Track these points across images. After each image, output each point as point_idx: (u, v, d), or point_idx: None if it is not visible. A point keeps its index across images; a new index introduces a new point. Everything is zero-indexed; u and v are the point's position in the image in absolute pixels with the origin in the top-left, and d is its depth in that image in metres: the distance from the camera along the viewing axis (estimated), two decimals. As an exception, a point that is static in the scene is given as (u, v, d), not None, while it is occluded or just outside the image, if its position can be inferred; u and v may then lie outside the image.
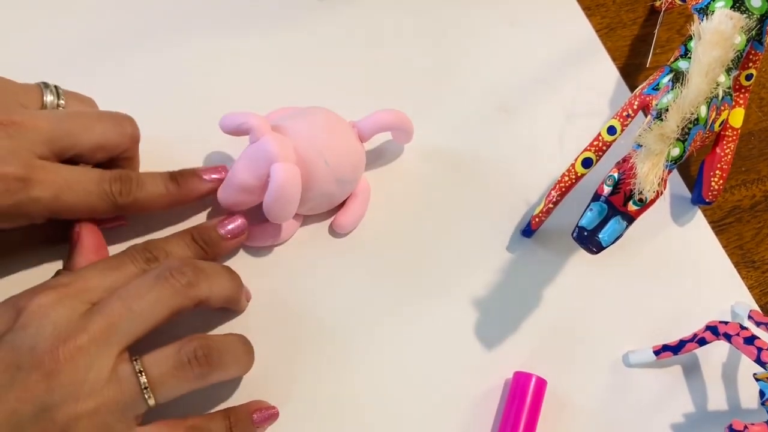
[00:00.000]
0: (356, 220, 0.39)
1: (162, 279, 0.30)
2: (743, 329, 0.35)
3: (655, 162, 0.30)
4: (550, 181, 0.42)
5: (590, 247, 0.32)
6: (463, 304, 0.39)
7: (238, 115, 0.36)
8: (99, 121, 0.33)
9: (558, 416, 0.37)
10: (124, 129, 0.34)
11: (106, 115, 0.34)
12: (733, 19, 0.31)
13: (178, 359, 0.30)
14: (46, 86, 0.34)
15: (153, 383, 0.29)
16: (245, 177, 0.35)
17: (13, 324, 0.28)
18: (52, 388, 0.27)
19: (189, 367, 0.30)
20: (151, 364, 0.29)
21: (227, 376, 0.32)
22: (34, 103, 0.33)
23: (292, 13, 0.44)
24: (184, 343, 0.30)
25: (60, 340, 0.28)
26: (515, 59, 0.45)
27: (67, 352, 0.27)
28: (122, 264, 0.32)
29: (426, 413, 0.36)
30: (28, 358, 0.27)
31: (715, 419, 0.38)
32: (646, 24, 0.48)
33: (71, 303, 0.29)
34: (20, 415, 0.27)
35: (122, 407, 0.28)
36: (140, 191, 0.34)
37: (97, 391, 0.28)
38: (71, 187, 0.32)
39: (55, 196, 0.31)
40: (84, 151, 0.33)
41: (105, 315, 0.29)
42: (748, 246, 0.43)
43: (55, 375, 0.27)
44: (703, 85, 0.29)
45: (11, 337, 0.28)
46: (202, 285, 0.31)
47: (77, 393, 0.27)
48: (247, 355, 0.33)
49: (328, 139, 0.36)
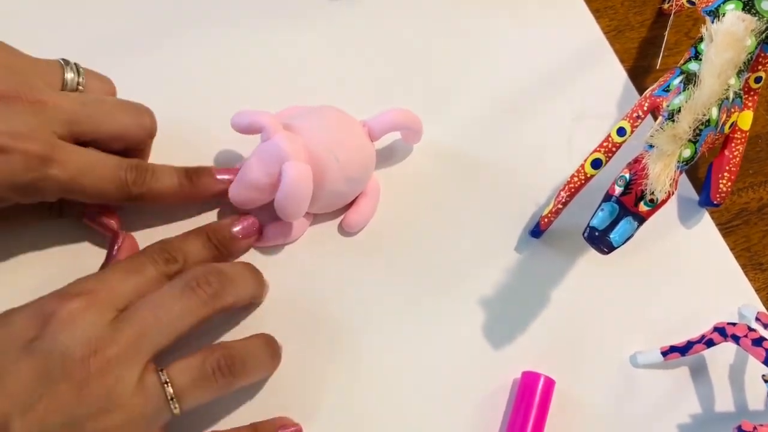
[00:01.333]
0: (366, 219, 0.39)
1: (189, 289, 0.30)
2: (751, 331, 0.35)
3: (667, 163, 0.30)
4: (558, 182, 0.42)
5: (601, 248, 0.32)
6: (472, 304, 0.39)
7: (249, 114, 0.36)
8: (121, 110, 0.34)
9: (566, 416, 0.37)
10: (143, 122, 0.35)
11: (128, 105, 0.35)
12: (745, 21, 0.31)
13: (202, 370, 0.30)
14: (66, 63, 0.34)
15: (178, 394, 0.29)
16: (257, 175, 0.35)
17: (42, 330, 0.28)
18: (82, 400, 0.27)
19: (213, 377, 0.30)
20: (176, 374, 0.29)
21: (251, 381, 0.32)
22: (56, 81, 0.33)
23: (303, 12, 0.44)
24: (208, 354, 0.30)
25: (90, 351, 0.28)
26: (524, 61, 0.45)
27: (97, 364, 0.28)
28: (143, 266, 0.32)
29: (435, 412, 0.36)
30: (59, 367, 0.27)
31: (723, 420, 0.38)
32: (654, 26, 0.48)
33: (100, 311, 0.29)
34: (49, 425, 0.27)
35: (149, 418, 0.29)
36: (154, 182, 0.34)
37: (125, 404, 0.28)
38: (88, 170, 0.32)
39: (71, 177, 0.31)
40: (102, 138, 0.33)
41: (134, 326, 0.29)
42: (756, 248, 0.43)
43: (85, 386, 0.27)
44: (715, 86, 0.29)
45: (41, 344, 0.28)
46: (228, 292, 0.31)
47: (106, 405, 0.27)
48: (271, 358, 0.33)
49: (338, 138, 0.36)
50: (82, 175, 0.32)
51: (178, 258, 0.33)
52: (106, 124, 0.33)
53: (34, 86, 0.32)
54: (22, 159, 0.30)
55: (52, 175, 0.31)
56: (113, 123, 0.33)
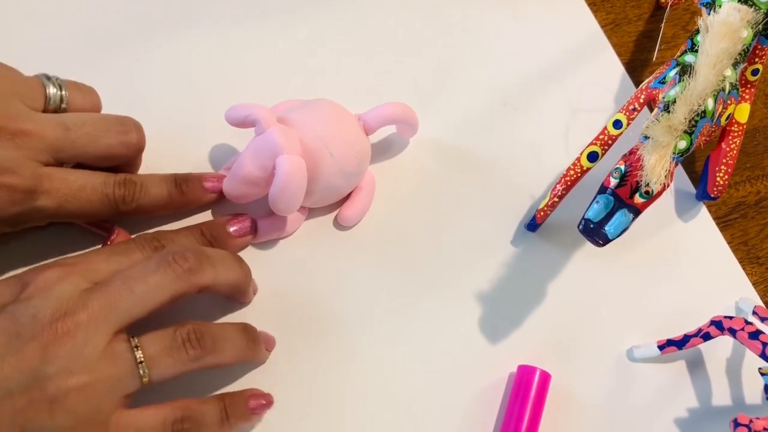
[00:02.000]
0: (361, 213, 0.39)
1: (165, 263, 0.30)
2: (748, 324, 0.35)
3: (662, 154, 0.30)
4: (554, 176, 0.42)
5: (596, 240, 0.32)
6: (467, 298, 0.39)
7: (243, 107, 0.36)
8: (105, 131, 0.33)
9: (562, 410, 0.37)
10: (129, 140, 0.34)
11: (112, 124, 0.34)
12: (741, 11, 0.31)
13: (173, 339, 0.30)
14: (48, 79, 0.34)
15: (147, 360, 0.29)
16: (251, 169, 0.35)
17: (17, 295, 0.29)
18: (47, 360, 0.27)
19: (183, 348, 0.30)
20: (147, 343, 0.30)
21: (224, 360, 0.32)
22: (38, 100, 0.33)
23: (299, 6, 0.44)
24: (179, 327, 0.31)
25: (60, 314, 0.28)
26: (520, 54, 0.45)
27: (65, 326, 0.28)
28: (129, 250, 0.32)
29: (431, 406, 0.36)
30: (27, 328, 0.28)
31: (719, 414, 0.38)
32: (651, 20, 0.48)
33: (75, 280, 0.29)
34: (12, 381, 0.27)
35: (114, 384, 0.29)
36: (143, 196, 0.34)
37: (90, 367, 0.28)
38: (75, 195, 0.32)
39: (59, 205, 0.32)
40: (88, 160, 0.33)
41: (105, 294, 0.29)
42: (753, 242, 0.43)
43: (52, 347, 0.27)
44: (710, 76, 0.29)
45: (14, 307, 0.28)
46: (206, 271, 0.31)
47: (71, 366, 0.28)
48: (246, 343, 0.33)
49: (333, 132, 0.36)
50: (69, 201, 0.32)
51: (166, 246, 0.33)
52: (90, 148, 0.33)
53: (16, 114, 0.31)
54: (8, 194, 0.30)
55: (40, 206, 0.31)
56: (98, 146, 0.33)
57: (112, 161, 0.34)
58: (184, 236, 0.34)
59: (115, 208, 0.34)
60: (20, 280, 0.30)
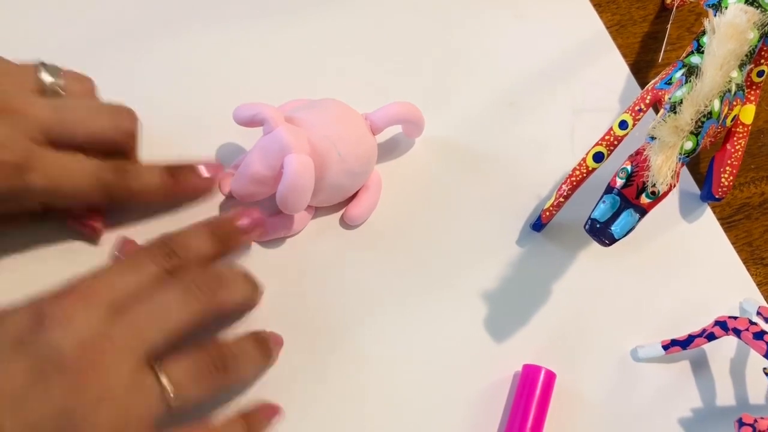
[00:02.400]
0: (367, 212, 0.39)
1: (188, 292, 0.30)
2: (752, 324, 0.35)
3: (668, 154, 0.30)
4: (559, 176, 0.42)
5: (603, 240, 0.32)
6: (473, 297, 0.39)
7: (251, 107, 0.36)
8: (98, 115, 0.33)
9: (567, 409, 0.37)
10: (121, 125, 0.34)
11: (105, 108, 0.34)
12: (748, 13, 0.31)
13: (197, 365, 0.30)
14: (44, 66, 0.34)
15: (174, 387, 0.29)
16: (259, 168, 0.35)
17: (36, 328, 0.28)
18: (74, 393, 0.27)
19: (208, 371, 0.30)
20: (171, 370, 0.29)
21: (244, 377, 0.33)
22: (30, 85, 0.33)
23: (306, 6, 0.44)
24: (202, 350, 0.31)
25: (84, 347, 0.28)
26: (526, 55, 0.45)
27: (90, 358, 0.27)
28: (142, 264, 0.31)
29: (436, 404, 0.36)
30: (51, 363, 0.27)
31: (723, 414, 0.38)
32: (657, 21, 0.48)
33: (95, 308, 0.29)
34: (41, 418, 0.27)
35: (143, 413, 0.28)
36: (135, 182, 0.34)
37: (118, 399, 0.28)
38: (67, 175, 0.32)
39: (50, 184, 0.31)
40: (79, 142, 0.33)
41: (128, 322, 0.29)
42: (757, 243, 0.43)
43: (78, 380, 0.27)
44: (717, 77, 0.29)
45: (35, 343, 0.27)
46: (223, 295, 0.32)
47: (99, 399, 0.27)
48: (263, 357, 0.34)
49: (341, 131, 0.36)
50: (60, 181, 0.32)
51: (178, 252, 0.32)
52: (81, 129, 0.33)
53: (9, 93, 0.31)
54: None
55: (30, 182, 0.31)
56: (89, 127, 0.33)
57: (104, 145, 0.34)
58: (194, 237, 0.33)
59: (107, 192, 0.33)
60: (36, 310, 0.28)
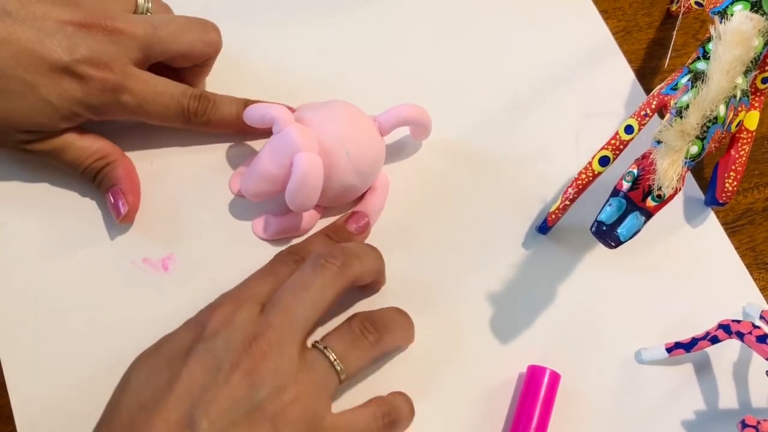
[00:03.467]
0: (375, 213, 0.40)
1: (319, 267, 0.32)
2: (756, 328, 0.35)
3: (674, 158, 0.30)
4: (565, 180, 0.42)
5: (608, 242, 0.32)
6: (479, 299, 0.39)
7: (261, 107, 0.37)
8: (188, 29, 0.37)
9: (571, 410, 0.37)
10: (210, 38, 0.38)
11: (194, 23, 0.37)
12: (753, 20, 0.31)
13: (351, 332, 0.32)
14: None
15: (340, 358, 0.31)
16: (269, 167, 0.35)
17: (201, 336, 0.30)
18: (255, 384, 0.28)
19: (364, 337, 0.32)
20: (332, 342, 0.32)
21: (397, 342, 0.35)
22: (129, 6, 0.37)
23: (316, 9, 0.45)
24: (351, 320, 0.33)
25: (250, 339, 0.29)
26: (532, 60, 0.46)
27: (259, 349, 0.29)
28: (276, 269, 0.34)
29: (440, 404, 0.37)
30: (225, 360, 0.29)
31: (726, 417, 0.38)
32: (662, 28, 0.49)
33: (248, 307, 0.31)
34: (232, 412, 0.28)
35: (319, 388, 0.30)
36: (215, 112, 0.37)
37: (294, 379, 0.29)
38: (155, 98, 0.36)
39: (138, 104, 0.35)
40: (172, 58, 0.37)
41: (281, 309, 0.31)
42: (761, 248, 0.43)
43: (255, 372, 0.29)
44: (723, 83, 0.30)
45: (204, 345, 0.29)
46: (354, 264, 0.33)
47: (278, 384, 0.29)
48: (408, 324, 0.36)
49: (349, 131, 0.37)
50: (148, 103, 0.35)
51: (305, 256, 0.35)
52: (175, 45, 0.36)
53: (112, 14, 0.35)
54: (99, 86, 0.34)
55: (123, 101, 0.35)
56: (182, 42, 0.36)
57: (193, 59, 0.37)
58: (316, 244, 0.36)
59: (186, 119, 0.37)
60: (197, 323, 0.31)
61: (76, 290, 0.37)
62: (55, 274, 0.37)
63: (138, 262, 0.38)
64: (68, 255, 0.37)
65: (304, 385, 0.29)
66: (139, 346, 0.32)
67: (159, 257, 0.38)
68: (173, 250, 0.38)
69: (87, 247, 0.38)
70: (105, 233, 0.38)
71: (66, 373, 0.35)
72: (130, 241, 0.38)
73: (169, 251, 0.38)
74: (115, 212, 0.37)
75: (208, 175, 0.40)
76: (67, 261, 0.37)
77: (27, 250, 0.37)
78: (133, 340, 0.32)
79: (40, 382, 0.35)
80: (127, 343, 0.32)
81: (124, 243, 0.38)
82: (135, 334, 0.33)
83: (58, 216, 0.38)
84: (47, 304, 0.36)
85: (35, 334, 0.36)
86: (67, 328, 0.36)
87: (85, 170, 0.37)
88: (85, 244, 0.38)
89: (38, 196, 0.38)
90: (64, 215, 0.38)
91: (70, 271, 0.37)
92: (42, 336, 0.36)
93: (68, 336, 0.36)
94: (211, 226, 0.39)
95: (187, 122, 0.37)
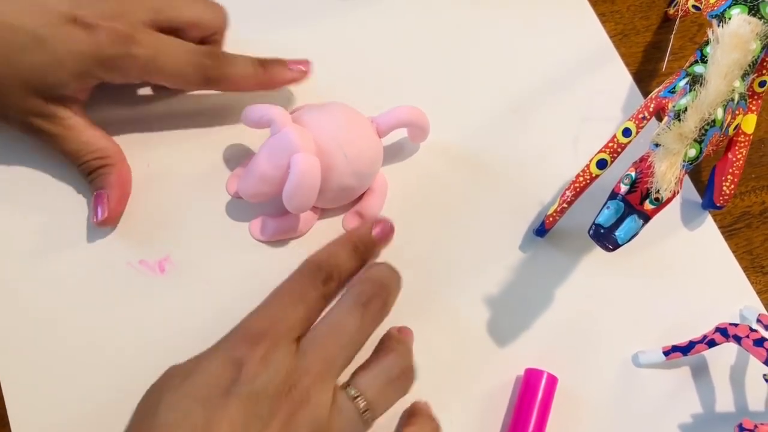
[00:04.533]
0: (373, 215, 0.39)
1: (360, 306, 0.31)
2: (753, 331, 0.35)
3: (672, 161, 0.30)
4: (562, 183, 0.42)
5: (606, 245, 0.32)
6: (476, 301, 0.39)
7: (259, 108, 0.37)
8: (196, 2, 0.37)
9: (568, 413, 0.37)
10: (217, 12, 0.38)
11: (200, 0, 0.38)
12: (751, 23, 0.31)
13: (386, 378, 0.31)
14: None
15: (369, 405, 0.30)
16: (266, 168, 0.35)
17: (238, 375, 0.28)
18: (291, 429, 0.28)
19: (396, 384, 0.31)
20: (364, 388, 0.30)
21: None
22: None
23: (314, 11, 0.45)
24: (384, 357, 0.32)
25: (288, 385, 0.28)
26: (530, 63, 0.46)
27: (297, 396, 0.28)
28: (305, 292, 0.32)
29: (437, 407, 0.36)
30: (265, 406, 0.28)
31: (724, 420, 0.38)
32: (660, 31, 0.49)
33: (285, 346, 0.29)
34: None
35: None
36: (230, 68, 0.37)
37: (328, 426, 0.29)
38: (168, 53, 0.35)
39: (151, 57, 0.35)
40: (182, 25, 0.37)
41: (317, 351, 0.30)
42: (758, 251, 0.43)
43: (293, 420, 0.28)
44: (721, 86, 0.30)
45: (243, 388, 0.28)
46: (390, 302, 0.32)
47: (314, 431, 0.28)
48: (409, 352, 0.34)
49: (347, 133, 0.37)
50: (160, 56, 0.35)
51: (333, 275, 0.32)
52: (186, 11, 0.36)
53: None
54: (108, 35, 0.33)
55: (135, 53, 0.34)
56: (192, 11, 0.37)
57: (202, 30, 0.37)
58: (340, 256, 0.33)
59: (203, 74, 0.36)
60: (233, 361, 0.29)
61: (70, 292, 0.37)
62: (50, 275, 0.37)
63: (134, 263, 0.37)
64: (63, 256, 0.37)
65: None
66: (136, 347, 0.32)
67: (155, 259, 0.38)
68: (170, 251, 0.38)
69: (82, 248, 0.37)
70: (101, 234, 0.38)
71: (61, 375, 0.35)
72: (126, 242, 0.38)
73: (165, 253, 0.38)
74: (93, 216, 0.37)
75: (205, 176, 0.40)
76: (62, 262, 0.37)
77: (22, 249, 0.37)
78: (130, 341, 0.32)
79: (35, 385, 0.35)
80: (123, 345, 0.32)
81: (121, 244, 0.38)
82: (131, 335, 0.32)
83: (53, 215, 0.38)
84: (41, 304, 0.36)
85: (29, 336, 0.36)
86: (61, 330, 0.36)
87: (81, 164, 0.36)
88: (80, 246, 0.37)
89: (34, 194, 0.38)
90: (60, 215, 0.38)
91: (65, 272, 0.37)
92: (36, 338, 0.36)
93: (63, 337, 0.36)
94: (208, 228, 0.39)
95: (203, 77, 0.36)
